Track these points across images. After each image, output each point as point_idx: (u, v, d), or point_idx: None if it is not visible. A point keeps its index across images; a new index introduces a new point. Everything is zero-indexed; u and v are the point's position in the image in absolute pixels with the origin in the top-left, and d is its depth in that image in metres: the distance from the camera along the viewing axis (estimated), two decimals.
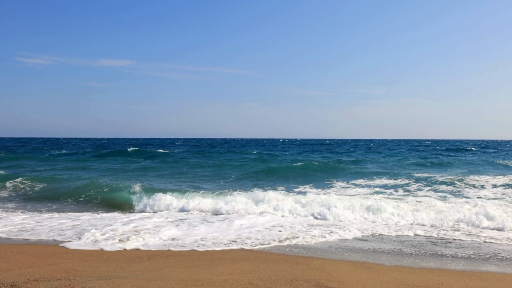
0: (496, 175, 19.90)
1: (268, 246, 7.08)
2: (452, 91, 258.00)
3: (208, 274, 5.19)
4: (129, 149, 43.78)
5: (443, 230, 8.36)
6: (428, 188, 15.33)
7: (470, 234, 7.94)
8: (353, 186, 16.37)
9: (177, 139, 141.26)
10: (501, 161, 29.59)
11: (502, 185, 15.73)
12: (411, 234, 8.04)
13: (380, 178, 19.22)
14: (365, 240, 7.61)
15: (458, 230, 8.29)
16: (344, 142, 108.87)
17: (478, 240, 7.50)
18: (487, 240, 7.46)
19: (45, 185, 15.50)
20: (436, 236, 7.91)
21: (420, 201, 11.84)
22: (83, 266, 5.55)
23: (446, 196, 13.46)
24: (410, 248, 6.92)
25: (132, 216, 10.07)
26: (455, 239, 7.60)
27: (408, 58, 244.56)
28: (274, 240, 7.48)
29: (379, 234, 8.06)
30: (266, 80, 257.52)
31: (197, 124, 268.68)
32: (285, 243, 7.31)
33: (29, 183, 15.77)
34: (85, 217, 9.80)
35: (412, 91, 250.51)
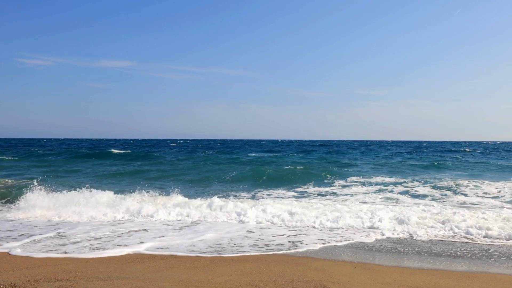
0: (495, 178, 19.94)
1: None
2: (453, 92, 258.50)
3: (209, 275, 5.19)
4: (114, 151, 41.52)
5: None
6: (425, 189, 15.29)
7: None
8: (351, 185, 16.38)
9: (176, 140, 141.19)
10: (500, 162, 29.58)
11: (498, 188, 15.55)
12: (406, 236, 8.04)
13: (377, 176, 19.29)
14: (364, 241, 7.61)
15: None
16: (344, 143, 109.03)
17: (473, 242, 7.51)
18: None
19: None
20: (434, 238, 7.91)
21: (419, 203, 11.87)
22: (83, 266, 5.56)
23: (446, 195, 13.48)
24: (410, 249, 6.93)
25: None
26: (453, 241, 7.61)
27: (409, 60, 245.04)
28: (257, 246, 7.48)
29: (377, 237, 8.06)
30: (267, 81, 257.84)
31: (197, 125, 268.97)
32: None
33: None
34: None
35: (412, 92, 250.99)
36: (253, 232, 8.32)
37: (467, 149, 57.78)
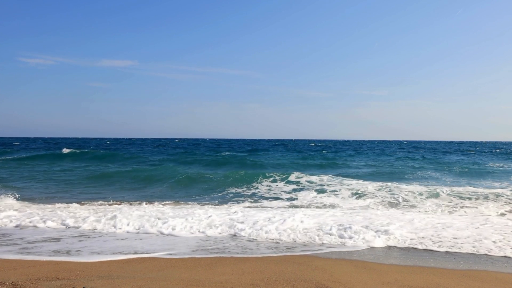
0: (492, 182, 19.95)
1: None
2: (455, 92, 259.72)
3: (209, 274, 5.19)
4: (64, 151, 35.50)
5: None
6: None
7: None
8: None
9: (173, 140, 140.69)
10: (497, 164, 29.46)
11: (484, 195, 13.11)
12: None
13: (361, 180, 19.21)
14: (362, 241, 7.62)
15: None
16: (343, 143, 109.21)
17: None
18: None
19: None
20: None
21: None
22: (84, 266, 5.55)
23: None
24: (406, 249, 6.96)
25: None
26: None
27: (411, 60, 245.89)
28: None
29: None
30: (268, 81, 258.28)
31: (198, 125, 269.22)
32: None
33: None
34: None
35: (414, 92, 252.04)
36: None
37: (470, 150, 57.82)
